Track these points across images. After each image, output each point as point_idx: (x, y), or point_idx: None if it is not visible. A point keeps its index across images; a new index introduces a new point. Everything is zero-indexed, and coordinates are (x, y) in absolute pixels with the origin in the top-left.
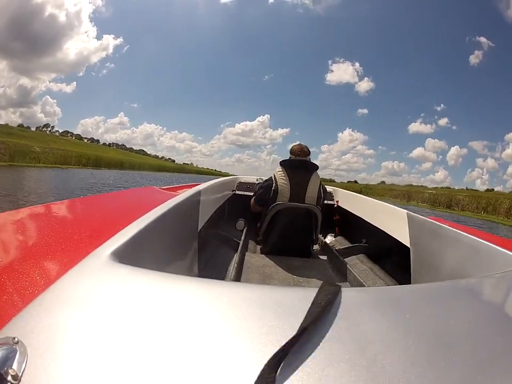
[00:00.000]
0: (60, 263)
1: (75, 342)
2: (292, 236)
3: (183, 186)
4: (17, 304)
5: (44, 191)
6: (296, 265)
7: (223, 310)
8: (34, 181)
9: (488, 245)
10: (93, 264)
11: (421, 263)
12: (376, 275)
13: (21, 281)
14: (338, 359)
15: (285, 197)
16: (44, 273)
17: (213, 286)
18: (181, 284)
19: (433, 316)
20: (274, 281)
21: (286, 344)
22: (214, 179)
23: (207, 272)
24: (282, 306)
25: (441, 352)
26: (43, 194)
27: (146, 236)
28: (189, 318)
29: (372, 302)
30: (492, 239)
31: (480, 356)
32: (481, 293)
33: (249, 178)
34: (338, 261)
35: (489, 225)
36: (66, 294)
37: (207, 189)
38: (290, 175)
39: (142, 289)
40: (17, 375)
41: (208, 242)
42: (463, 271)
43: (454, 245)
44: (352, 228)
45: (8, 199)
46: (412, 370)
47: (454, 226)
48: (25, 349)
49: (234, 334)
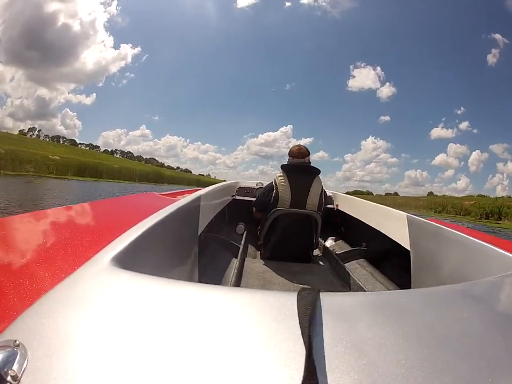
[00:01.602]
0: (61, 268)
1: (75, 346)
2: (292, 241)
3: (183, 192)
4: (18, 307)
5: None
6: (296, 270)
7: (223, 315)
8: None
9: (488, 247)
10: (93, 269)
11: (421, 266)
12: (376, 279)
13: (22, 284)
14: (339, 364)
15: (285, 203)
16: (45, 278)
17: (213, 292)
18: (181, 289)
19: (433, 320)
20: (274, 287)
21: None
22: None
23: (207, 277)
24: (282, 312)
25: (442, 356)
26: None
27: (146, 241)
28: (188, 323)
29: (372, 307)
30: (493, 241)
31: (482, 359)
32: (482, 297)
33: (249, 183)
34: (339, 265)
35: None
36: (66, 298)
37: (207, 194)
38: (291, 180)
39: (142, 295)
40: (16, 376)
41: (208, 247)
42: (464, 274)
43: (454, 247)
44: (352, 231)
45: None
46: (412, 375)
47: (454, 228)
48: (25, 351)
49: (234, 339)
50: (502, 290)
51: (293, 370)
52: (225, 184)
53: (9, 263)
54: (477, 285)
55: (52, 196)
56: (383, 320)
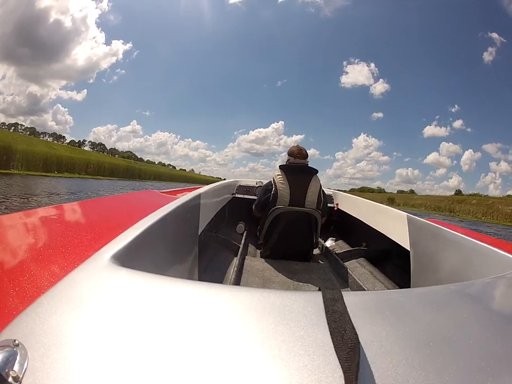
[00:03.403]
0: (61, 266)
1: (75, 345)
2: (292, 240)
3: (183, 189)
4: (17, 307)
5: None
6: (296, 269)
7: (222, 313)
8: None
9: (487, 248)
10: (93, 267)
11: (421, 266)
12: (376, 278)
13: (21, 283)
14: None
15: (284, 201)
16: (44, 276)
17: (212, 290)
18: (181, 287)
19: (433, 319)
20: (274, 285)
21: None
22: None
23: (207, 275)
24: (282, 310)
25: (441, 356)
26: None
27: (146, 239)
28: (188, 321)
29: (371, 306)
30: (491, 242)
31: (481, 359)
32: (481, 296)
33: (249, 182)
34: (338, 264)
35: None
36: (66, 297)
37: (207, 192)
38: (290, 179)
39: (142, 292)
40: (18, 377)
41: (208, 245)
42: (463, 274)
43: (453, 248)
44: (352, 231)
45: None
46: (412, 375)
47: (453, 229)
48: (25, 351)
49: (234, 337)
50: (501, 290)
51: (293, 370)
52: (225, 183)
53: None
54: (476, 285)
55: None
56: (382, 319)
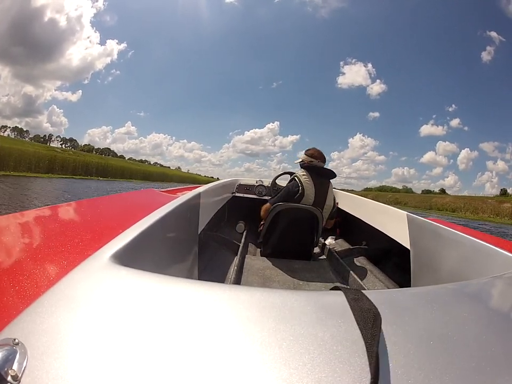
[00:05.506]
0: (61, 265)
1: (75, 344)
2: (293, 238)
3: (183, 188)
4: (17, 306)
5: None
6: (296, 267)
7: (222, 312)
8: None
9: (488, 247)
10: (93, 266)
11: (421, 265)
12: (376, 277)
13: (21, 283)
14: (338, 361)
15: (309, 201)
16: (44, 275)
17: (212, 289)
18: (180, 286)
19: (433, 318)
20: (275, 284)
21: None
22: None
23: (207, 274)
24: (283, 309)
25: (442, 355)
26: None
27: (146, 238)
28: (188, 320)
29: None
30: (492, 241)
31: (481, 358)
32: (481, 296)
33: (249, 180)
34: (338, 263)
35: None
36: (66, 296)
37: (207, 191)
38: (314, 180)
39: (142, 292)
40: (17, 376)
41: (208, 244)
42: (463, 273)
43: (454, 247)
44: (352, 230)
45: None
46: (412, 374)
47: (453, 228)
48: (25, 350)
49: (234, 337)
50: (501, 289)
51: (292, 369)
52: (226, 181)
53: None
54: (476, 284)
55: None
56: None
